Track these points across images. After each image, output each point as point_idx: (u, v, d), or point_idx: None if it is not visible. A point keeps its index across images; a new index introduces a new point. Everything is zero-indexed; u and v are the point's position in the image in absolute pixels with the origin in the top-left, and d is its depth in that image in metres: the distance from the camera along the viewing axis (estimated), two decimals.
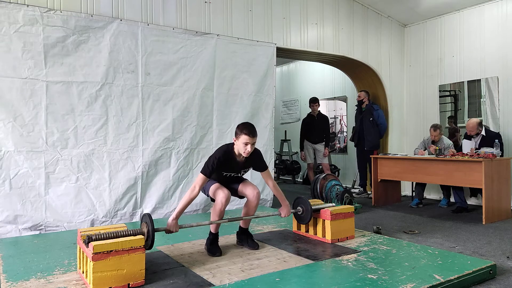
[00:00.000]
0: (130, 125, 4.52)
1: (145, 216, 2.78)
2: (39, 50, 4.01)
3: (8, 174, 3.89)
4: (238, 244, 3.39)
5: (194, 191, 2.94)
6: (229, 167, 3.11)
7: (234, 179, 3.27)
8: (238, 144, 3.02)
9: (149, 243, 2.68)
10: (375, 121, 6.52)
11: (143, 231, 2.72)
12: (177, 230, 2.90)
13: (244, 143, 2.99)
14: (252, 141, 3.00)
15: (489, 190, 4.64)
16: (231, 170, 3.15)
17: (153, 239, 2.69)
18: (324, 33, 6.17)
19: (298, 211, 3.59)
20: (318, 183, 5.61)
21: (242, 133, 2.99)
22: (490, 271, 2.81)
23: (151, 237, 2.68)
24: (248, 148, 3.00)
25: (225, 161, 3.05)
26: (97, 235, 2.47)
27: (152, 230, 2.69)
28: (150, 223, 2.69)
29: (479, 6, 5.95)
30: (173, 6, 4.82)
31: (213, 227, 3.20)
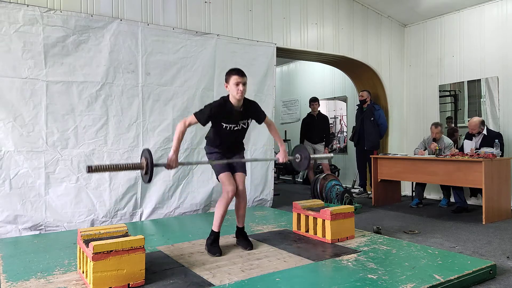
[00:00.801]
0: (130, 125, 4.52)
1: (144, 151, 2.78)
2: (39, 50, 4.01)
3: (8, 174, 3.89)
4: (237, 244, 3.40)
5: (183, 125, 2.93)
6: (227, 116, 3.05)
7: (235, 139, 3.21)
8: (230, 88, 3.00)
9: (148, 177, 2.70)
10: (376, 121, 6.52)
11: (143, 165, 2.71)
12: (177, 165, 2.87)
13: (235, 83, 2.96)
14: (242, 80, 2.97)
15: (489, 190, 4.64)
16: (231, 120, 3.07)
17: (152, 172, 2.70)
18: (324, 33, 6.17)
19: (297, 158, 3.51)
20: (318, 183, 5.61)
21: (231, 74, 3.00)
22: (490, 271, 2.81)
23: (150, 170, 2.68)
24: (240, 87, 2.97)
25: (222, 109, 3.02)
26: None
27: (151, 163, 2.68)
28: (150, 158, 2.69)
29: (479, 6, 5.95)
30: (173, 6, 4.82)
31: (216, 225, 3.19)
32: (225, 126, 3.07)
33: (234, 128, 3.11)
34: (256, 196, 5.46)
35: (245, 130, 3.23)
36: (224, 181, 3.11)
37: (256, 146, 5.42)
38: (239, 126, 3.14)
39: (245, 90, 3.01)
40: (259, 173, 5.46)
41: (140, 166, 2.71)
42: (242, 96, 3.00)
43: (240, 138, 3.29)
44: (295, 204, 3.80)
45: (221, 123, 3.05)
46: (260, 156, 5.45)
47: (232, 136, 3.16)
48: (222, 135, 3.12)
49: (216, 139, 3.17)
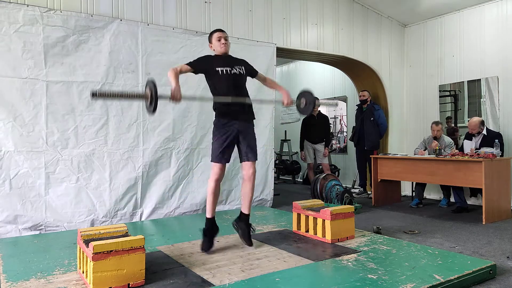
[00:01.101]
0: (130, 125, 4.52)
1: (149, 82, 2.81)
2: (39, 50, 4.01)
3: (8, 174, 3.89)
4: (234, 228, 3.36)
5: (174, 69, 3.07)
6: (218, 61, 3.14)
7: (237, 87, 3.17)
8: (214, 46, 3.19)
9: (152, 107, 2.74)
10: (376, 121, 6.52)
11: (147, 95, 2.74)
12: (180, 98, 2.91)
13: (217, 38, 3.15)
14: (224, 35, 3.16)
15: (489, 190, 4.64)
16: (224, 64, 3.13)
17: (157, 103, 2.74)
18: (324, 33, 6.17)
19: (302, 103, 3.47)
20: (318, 183, 5.61)
21: (213, 33, 3.20)
22: (490, 271, 2.81)
23: (154, 100, 2.71)
24: (223, 41, 3.14)
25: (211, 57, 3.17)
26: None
27: (155, 94, 2.71)
28: (154, 89, 2.72)
29: (479, 6, 5.95)
30: (173, 6, 4.82)
31: (208, 211, 3.22)
32: (221, 70, 3.10)
33: (232, 72, 3.13)
34: (256, 196, 5.46)
35: (244, 77, 3.23)
36: (213, 168, 3.19)
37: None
38: (236, 70, 3.16)
39: (228, 44, 3.16)
40: (259, 173, 5.44)
41: (144, 96, 2.75)
42: (226, 49, 3.16)
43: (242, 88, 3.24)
44: (295, 204, 3.80)
45: (216, 68, 3.11)
46: (259, 156, 5.38)
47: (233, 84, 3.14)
48: (222, 83, 3.11)
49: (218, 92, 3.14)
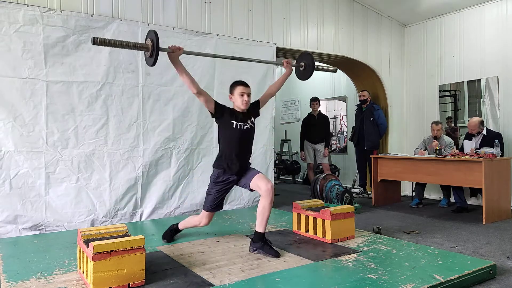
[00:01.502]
0: (130, 125, 4.52)
1: (150, 33, 2.83)
2: (39, 50, 4.00)
3: (8, 174, 3.89)
4: (253, 252, 3.12)
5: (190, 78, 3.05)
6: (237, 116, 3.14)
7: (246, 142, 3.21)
8: (235, 99, 3.13)
9: (152, 59, 2.78)
10: (375, 121, 6.52)
11: (148, 46, 2.78)
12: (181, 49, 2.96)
13: (240, 93, 3.09)
14: (247, 91, 3.11)
15: (489, 190, 4.64)
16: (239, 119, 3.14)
17: (157, 55, 2.78)
18: (324, 33, 6.17)
19: (301, 66, 3.53)
20: (318, 183, 5.62)
21: (236, 85, 3.12)
22: (490, 271, 2.81)
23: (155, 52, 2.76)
24: (245, 98, 3.10)
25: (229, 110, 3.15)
26: None
27: (157, 45, 2.74)
28: (156, 40, 2.74)
29: (479, 6, 5.95)
30: (173, 6, 4.82)
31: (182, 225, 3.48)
32: (235, 125, 3.10)
33: (244, 127, 3.15)
34: (256, 196, 5.45)
35: (253, 131, 3.27)
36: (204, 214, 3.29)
37: (256, 146, 5.40)
38: (248, 124, 3.19)
39: (249, 100, 3.13)
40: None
41: (145, 47, 2.78)
42: (247, 106, 3.13)
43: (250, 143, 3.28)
44: (295, 204, 3.80)
45: (231, 121, 3.11)
46: (259, 157, 5.45)
47: (243, 138, 3.17)
48: (233, 136, 3.12)
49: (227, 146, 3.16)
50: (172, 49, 2.92)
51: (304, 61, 3.54)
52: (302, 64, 3.53)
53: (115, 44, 2.70)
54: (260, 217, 3.07)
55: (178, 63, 3.00)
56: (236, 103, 3.14)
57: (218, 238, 3.60)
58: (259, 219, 3.08)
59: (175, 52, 2.94)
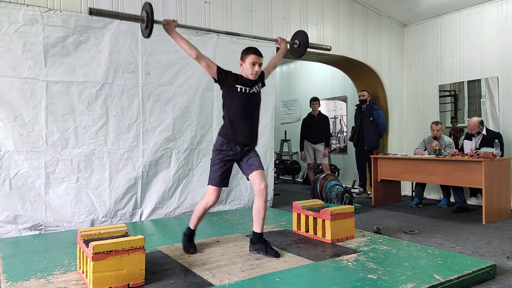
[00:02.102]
0: (130, 125, 4.52)
1: (145, 5, 2.89)
2: (39, 50, 4.01)
3: (8, 174, 3.89)
4: (253, 252, 3.11)
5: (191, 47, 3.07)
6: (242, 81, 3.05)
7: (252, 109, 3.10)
8: (245, 67, 3.05)
9: (147, 31, 2.87)
10: (375, 121, 6.52)
11: (143, 17, 2.87)
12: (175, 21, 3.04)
13: (252, 63, 3.01)
14: (259, 61, 3.03)
15: (489, 190, 4.64)
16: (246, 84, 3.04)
17: (152, 26, 2.87)
18: (324, 33, 6.17)
19: (295, 43, 3.63)
20: (318, 183, 5.61)
21: (249, 53, 3.03)
22: (490, 271, 2.81)
23: (150, 24, 2.85)
24: (256, 68, 3.02)
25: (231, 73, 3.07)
26: None
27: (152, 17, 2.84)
28: (150, 11, 2.83)
29: (479, 6, 5.95)
30: (173, 6, 4.82)
31: (192, 223, 3.21)
32: (240, 88, 3.00)
33: (250, 91, 3.05)
34: None
35: (260, 97, 3.17)
36: (209, 191, 3.12)
37: (257, 146, 5.40)
38: (255, 89, 3.09)
39: (259, 71, 3.08)
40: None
41: (141, 18, 2.88)
42: (256, 77, 3.06)
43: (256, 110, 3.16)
44: (295, 204, 3.80)
45: (236, 85, 3.01)
46: (260, 156, 5.42)
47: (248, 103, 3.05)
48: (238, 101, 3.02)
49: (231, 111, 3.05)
50: (166, 21, 3.01)
51: (298, 38, 3.67)
52: (296, 41, 3.67)
53: (112, 15, 2.80)
54: (256, 218, 3.04)
55: (174, 32, 3.04)
56: (245, 71, 3.05)
57: (218, 238, 3.60)
58: (255, 220, 3.05)
59: (169, 24, 3.01)
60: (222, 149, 3.08)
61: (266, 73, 3.32)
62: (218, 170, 3.09)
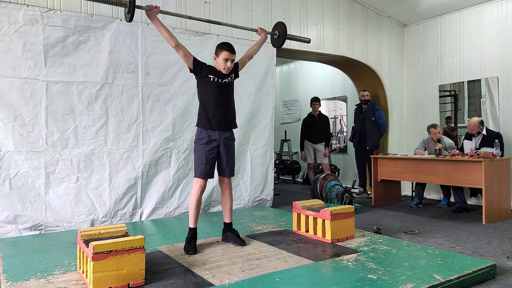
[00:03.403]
0: (130, 125, 4.52)
1: None
2: (39, 50, 4.01)
3: (8, 174, 3.89)
4: (224, 241, 3.46)
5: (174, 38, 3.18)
6: (215, 72, 3.24)
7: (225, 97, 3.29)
8: (219, 62, 3.22)
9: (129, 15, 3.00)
10: (377, 121, 6.53)
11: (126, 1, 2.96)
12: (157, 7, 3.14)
13: (224, 59, 3.18)
14: (231, 57, 3.20)
15: (489, 190, 4.64)
16: (219, 75, 3.24)
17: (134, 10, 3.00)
18: (324, 33, 6.17)
19: (274, 34, 3.85)
20: (318, 183, 5.62)
21: (223, 49, 3.19)
22: (490, 271, 2.81)
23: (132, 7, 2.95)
24: (228, 64, 3.20)
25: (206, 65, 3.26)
26: None
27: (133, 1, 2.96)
28: None
29: (479, 6, 5.95)
30: (173, 6, 4.82)
31: (192, 222, 3.25)
32: (213, 78, 3.20)
33: (222, 81, 3.25)
34: (256, 196, 5.46)
35: (232, 87, 3.36)
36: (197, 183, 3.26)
37: (256, 146, 5.42)
38: (227, 79, 3.28)
39: (231, 67, 3.25)
40: (259, 173, 5.46)
41: (123, 3, 2.96)
42: (227, 72, 3.24)
43: (229, 99, 3.34)
44: (295, 204, 3.80)
45: (209, 75, 3.21)
46: (259, 157, 5.45)
47: (221, 92, 3.26)
48: (211, 90, 3.22)
49: (205, 100, 3.25)
50: (149, 7, 3.13)
51: (278, 29, 3.85)
52: (276, 32, 3.84)
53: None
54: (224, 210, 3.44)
55: (155, 19, 3.15)
56: (218, 65, 3.24)
57: (218, 238, 3.60)
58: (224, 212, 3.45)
59: (151, 10, 3.12)
60: (201, 138, 3.25)
61: (241, 64, 3.49)
62: (202, 163, 3.24)
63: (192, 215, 3.26)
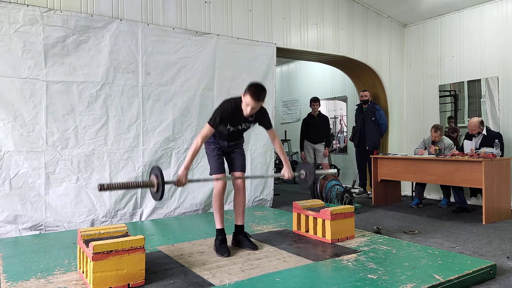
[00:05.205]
0: (130, 125, 4.52)
1: (154, 169, 2.80)
2: (39, 50, 4.01)
3: (8, 174, 3.89)
4: (234, 245, 3.33)
5: (197, 143, 2.95)
6: (235, 120, 3.08)
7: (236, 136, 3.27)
8: (244, 101, 2.96)
9: (159, 195, 2.72)
10: (377, 121, 6.53)
11: (153, 182, 2.74)
12: (186, 182, 2.90)
13: (247, 103, 2.93)
14: (254, 105, 2.92)
15: (489, 190, 4.64)
16: (237, 124, 3.11)
17: (163, 190, 2.72)
18: (324, 33, 6.17)
19: (302, 174, 3.50)
20: (318, 183, 5.62)
21: (248, 93, 2.91)
22: (490, 271, 2.81)
23: (161, 188, 2.70)
24: (248, 110, 2.94)
25: (232, 114, 3.03)
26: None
27: (162, 181, 2.71)
28: (160, 175, 2.71)
29: (479, 6, 5.95)
30: (173, 6, 4.82)
31: (218, 223, 3.23)
32: (229, 128, 3.12)
33: (238, 128, 3.17)
34: (256, 196, 5.46)
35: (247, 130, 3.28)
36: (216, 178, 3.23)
37: (256, 146, 5.42)
38: (243, 126, 3.19)
39: (254, 111, 3.00)
40: (259, 173, 5.46)
41: (151, 184, 2.74)
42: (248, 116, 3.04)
43: (241, 136, 3.37)
44: (295, 204, 3.80)
45: (226, 124, 3.09)
46: (259, 157, 5.46)
47: (237, 134, 3.25)
48: (227, 133, 3.18)
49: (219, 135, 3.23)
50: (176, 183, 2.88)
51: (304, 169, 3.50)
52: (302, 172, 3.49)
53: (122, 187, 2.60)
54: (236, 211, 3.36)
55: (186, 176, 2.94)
56: (243, 107, 2.99)
57: None
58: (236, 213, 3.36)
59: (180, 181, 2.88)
60: (211, 141, 3.27)
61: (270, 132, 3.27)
62: (215, 159, 3.24)
63: (217, 215, 3.23)
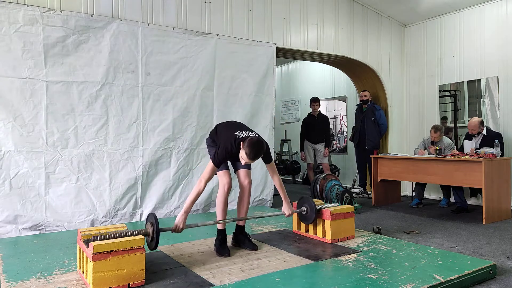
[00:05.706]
0: (130, 125, 4.52)
1: (150, 216, 2.77)
2: (39, 50, 4.01)
3: (8, 174, 3.89)
4: (234, 245, 3.34)
5: (200, 184, 2.91)
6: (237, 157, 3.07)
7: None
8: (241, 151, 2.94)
9: (153, 244, 2.69)
10: (377, 121, 6.53)
11: (148, 232, 2.71)
12: (183, 228, 2.85)
13: (242, 157, 2.93)
14: (249, 162, 2.96)
15: (489, 190, 4.64)
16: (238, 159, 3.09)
17: (158, 240, 2.70)
18: (324, 33, 6.17)
19: (303, 211, 3.55)
20: (318, 183, 5.61)
21: (245, 150, 2.88)
22: (490, 271, 2.81)
23: (155, 238, 2.68)
24: (243, 162, 3.00)
25: (233, 153, 3.03)
26: (101, 235, 2.47)
27: (157, 230, 2.67)
28: (155, 224, 2.68)
29: (479, 6, 5.95)
30: (173, 6, 4.82)
31: (220, 224, 3.21)
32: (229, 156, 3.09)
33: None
34: (256, 196, 5.46)
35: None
36: (221, 175, 3.20)
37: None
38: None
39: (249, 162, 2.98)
40: (259, 173, 5.46)
41: (145, 233, 2.70)
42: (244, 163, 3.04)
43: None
44: (295, 204, 3.79)
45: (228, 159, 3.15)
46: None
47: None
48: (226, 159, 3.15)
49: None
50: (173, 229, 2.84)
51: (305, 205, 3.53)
52: (303, 208, 3.52)
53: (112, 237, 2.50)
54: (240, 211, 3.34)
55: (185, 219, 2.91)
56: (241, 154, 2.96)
57: None
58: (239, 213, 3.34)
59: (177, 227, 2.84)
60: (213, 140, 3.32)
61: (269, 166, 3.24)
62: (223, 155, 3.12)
63: (218, 216, 3.21)
